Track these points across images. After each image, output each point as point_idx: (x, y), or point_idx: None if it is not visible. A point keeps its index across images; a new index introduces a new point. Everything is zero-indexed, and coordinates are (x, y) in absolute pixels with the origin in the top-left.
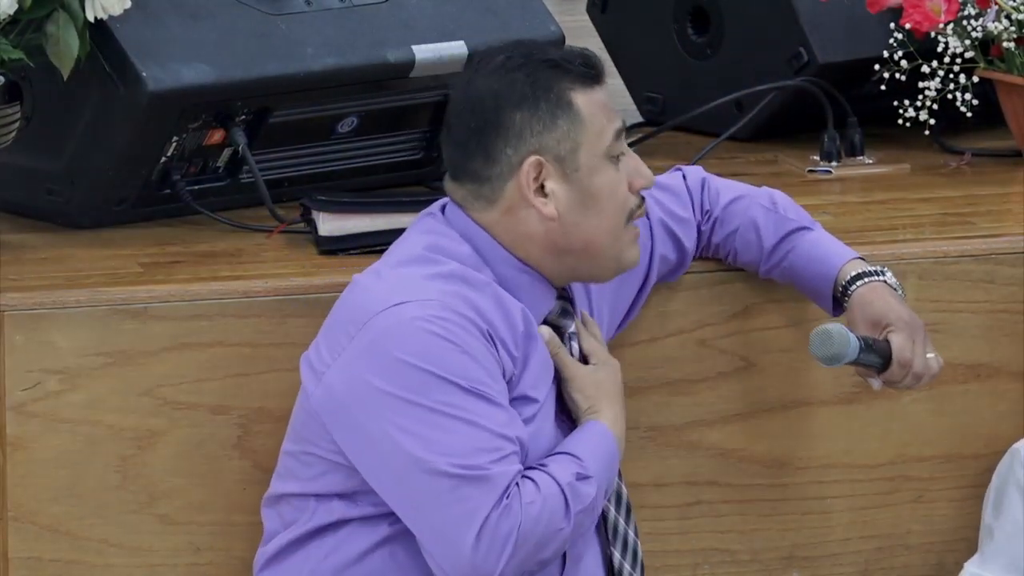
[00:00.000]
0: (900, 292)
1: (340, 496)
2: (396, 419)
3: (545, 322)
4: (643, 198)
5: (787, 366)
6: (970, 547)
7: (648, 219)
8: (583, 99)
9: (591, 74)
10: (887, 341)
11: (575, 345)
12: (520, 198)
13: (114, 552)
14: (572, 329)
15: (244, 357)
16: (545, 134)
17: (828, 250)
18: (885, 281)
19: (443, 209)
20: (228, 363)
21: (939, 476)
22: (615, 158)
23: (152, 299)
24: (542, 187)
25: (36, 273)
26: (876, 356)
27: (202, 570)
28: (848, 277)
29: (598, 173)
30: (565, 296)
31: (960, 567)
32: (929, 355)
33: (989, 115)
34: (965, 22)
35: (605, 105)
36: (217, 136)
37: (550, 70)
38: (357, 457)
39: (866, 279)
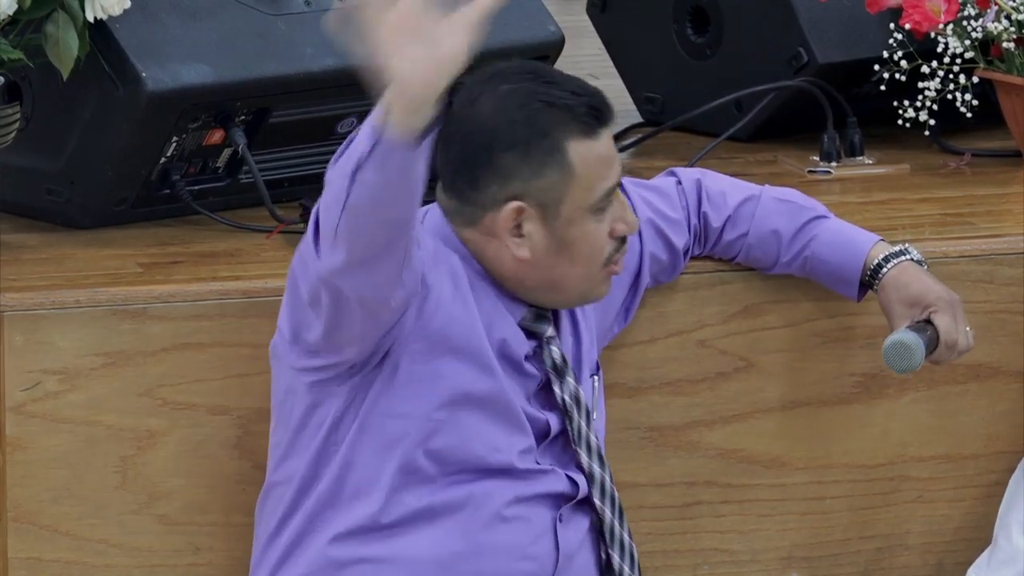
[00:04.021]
0: (925, 267)
1: (285, 456)
2: None
3: (520, 327)
4: (623, 242)
5: (787, 366)
6: (970, 547)
7: (637, 217)
8: (579, 150)
9: (593, 123)
10: (930, 323)
11: (554, 349)
12: (497, 231)
13: (114, 552)
14: (550, 333)
15: (243, 357)
16: (532, 180)
17: (851, 236)
18: (911, 259)
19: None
20: (228, 363)
21: (939, 476)
22: (600, 211)
23: (152, 299)
24: (519, 226)
25: (35, 273)
26: (931, 346)
27: (202, 570)
28: (876, 260)
29: (577, 225)
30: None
31: (960, 568)
32: (966, 328)
33: (989, 115)
34: (965, 22)
35: (602, 158)
36: (217, 136)
37: (550, 113)
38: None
39: (894, 260)
